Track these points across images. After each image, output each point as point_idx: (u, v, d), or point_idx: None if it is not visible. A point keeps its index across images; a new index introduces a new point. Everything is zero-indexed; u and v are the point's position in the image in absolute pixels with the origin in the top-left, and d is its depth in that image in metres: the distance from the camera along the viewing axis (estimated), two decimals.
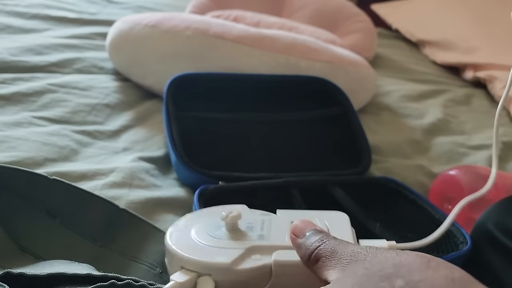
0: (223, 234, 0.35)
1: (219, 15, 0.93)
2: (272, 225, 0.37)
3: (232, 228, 0.35)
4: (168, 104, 0.62)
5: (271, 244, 0.34)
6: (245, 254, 0.33)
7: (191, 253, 0.33)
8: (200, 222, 0.37)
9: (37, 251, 0.44)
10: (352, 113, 0.69)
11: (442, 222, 0.52)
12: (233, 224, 0.35)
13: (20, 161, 0.55)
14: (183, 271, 0.32)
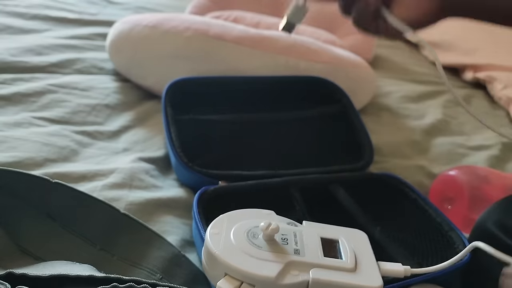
0: (262, 244, 0.37)
1: (219, 15, 0.93)
2: (303, 238, 0.39)
3: (270, 239, 0.37)
4: (166, 108, 0.62)
5: (307, 261, 0.36)
6: (285, 269, 0.35)
7: (236, 262, 0.35)
8: (238, 227, 0.38)
9: (37, 253, 0.44)
10: (351, 110, 0.69)
11: (441, 225, 0.52)
12: (271, 236, 0.37)
13: (20, 161, 0.55)
14: (227, 278, 0.34)
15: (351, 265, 0.38)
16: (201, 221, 0.47)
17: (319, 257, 0.37)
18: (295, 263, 0.36)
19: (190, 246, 0.50)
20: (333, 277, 0.35)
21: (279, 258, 0.36)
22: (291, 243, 0.38)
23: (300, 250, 0.37)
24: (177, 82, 0.66)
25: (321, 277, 0.35)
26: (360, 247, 0.40)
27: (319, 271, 0.36)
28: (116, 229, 0.46)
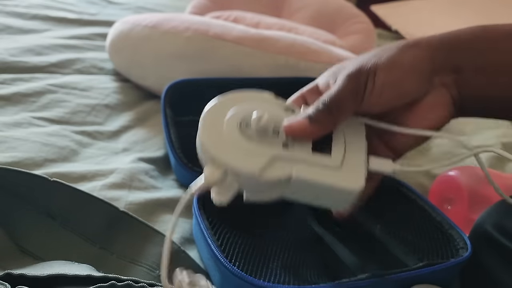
0: (252, 135, 0.36)
1: (218, 16, 0.93)
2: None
3: (260, 130, 0.36)
4: (165, 110, 0.62)
5: (293, 156, 0.35)
6: (270, 161, 0.34)
7: (221, 153, 0.34)
8: (232, 114, 0.37)
9: (36, 252, 0.44)
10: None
11: (441, 224, 0.52)
12: (262, 127, 0.36)
13: (19, 161, 0.55)
14: (214, 166, 0.34)
15: (337, 163, 0.36)
16: (201, 216, 0.47)
17: (307, 152, 0.36)
18: (282, 157, 0.35)
19: (190, 244, 0.50)
20: (315, 175, 0.35)
21: (266, 150, 0.35)
22: (282, 135, 0.36)
23: (290, 144, 0.36)
24: (176, 84, 0.66)
25: (303, 175, 0.35)
26: (354, 140, 0.38)
27: (302, 168, 0.35)
28: (116, 227, 0.46)
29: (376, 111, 0.39)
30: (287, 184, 0.35)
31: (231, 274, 0.41)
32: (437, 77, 0.39)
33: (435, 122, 0.40)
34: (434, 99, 0.39)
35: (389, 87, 0.37)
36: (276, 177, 0.34)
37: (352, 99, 0.37)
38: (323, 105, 0.37)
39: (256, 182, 0.34)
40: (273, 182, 0.34)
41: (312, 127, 0.36)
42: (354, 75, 0.37)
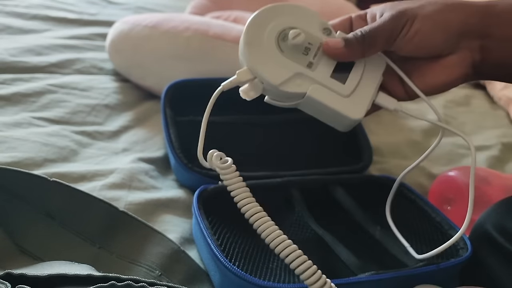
0: (286, 49, 0.41)
1: (218, 16, 0.93)
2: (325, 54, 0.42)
3: (294, 47, 0.41)
4: (165, 110, 0.62)
5: (313, 76, 0.41)
6: (292, 77, 0.40)
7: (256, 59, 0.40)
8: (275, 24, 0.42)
9: (36, 252, 0.44)
10: None
11: (441, 224, 0.52)
12: (295, 45, 0.41)
13: (19, 161, 0.55)
14: (246, 71, 0.40)
15: (347, 92, 0.41)
16: (201, 216, 0.47)
17: (325, 75, 0.41)
18: (303, 75, 0.40)
19: (189, 243, 0.50)
20: (325, 98, 0.40)
21: (292, 66, 0.40)
22: (310, 55, 0.41)
23: (314, 64, 0.41)
24: (176, 84, 0.66)
25: (314, 95, 0.40)
26: (371, 75, 0.43)
27: (317, 89, 0.40)
28: (115, 227, 0.46)
29: (403, 54, 0.43)
30: (301, 98, 0.40)
31: (231, 273, 0.41)
32: (465, 40, 0.42)
33: (451, 79, 0.43)
34: (456, 59, 0.42)
35: (420, 37, 0.41)
36: (293, 91, 0.40)
37: (387, 36, 0.42)
38: (361, 34, 0.42)
39: (276, 91, 0.40)
40: (290, 94, 0.40)
41: (344, 50, 0.41)
42: (396, 17, 0.41)
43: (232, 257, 0.45)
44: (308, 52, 0.41)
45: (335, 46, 0.42)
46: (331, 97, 0.41)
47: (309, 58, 0.41)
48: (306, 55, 0.41)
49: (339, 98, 0.41)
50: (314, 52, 0.42)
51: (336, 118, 0.42)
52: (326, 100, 0.40)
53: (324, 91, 0.41)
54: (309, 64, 0.41)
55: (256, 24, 0.41)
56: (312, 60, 0.41)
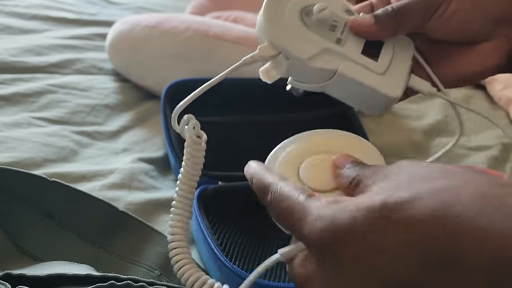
0: (311, 24, 0.37)
1: (218, 16, 0.93)
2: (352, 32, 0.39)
3: (319, 22, 0.37)
4: (165, 109, 0.62)
5: (343, 52, 0.37)
6: (320, 53, 0.36)
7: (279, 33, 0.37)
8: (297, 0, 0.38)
9: (35, 253, 0.44)
10: (350, 112, 0.69)
11: None
12: (320, 19, 0.37)
13: (19, 161, 0.55)
14: (269, 46, 0.37)
15: (382, 69, 0.38)
16: (201, 215, 0.47)
17: (356, 52, 0.38)
18: (331, 51, 0.37)
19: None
20: (359, 75, 0.37)
21: (319, 42, 0.37)
22: (338, 31, 0.38)
23: (342, 41, 0.38)
24: (176, 84, 0.66)
25: (347, 72, 0.36)
26: (401, 56, 0.40)
27: (349, 66, 0.37)
28: (115, 227, 0.46)
29: (435, 37, 0.39)
30: (330, 78, 0.37)
31: (231, 272, 0.41)
32: (502, 26, 0.39)
33: (484, 68, 0.40)
34: (492, 46, 0.39)
35: (457, 18, 0.38)
36: (324, 67, 0.36)
37: (421, 14, 0.38)
38: (392, 9, 0.38)
39: (303, 67, 0.36)
40: (318, 71, 0.36)
41: (375, 27, 0.38)
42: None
43: (232, 256, 0.45)
44: (334, 29, 0.38)
45: (364, 23, 0.38)
46: (365, 73, 0.37)
47: (336, 34, 0.38)
48: (333, 32, 0.38)
49: (374, 75, 0.37)
50: (340, 29, 0.38)
51: (372, 98, 0.38)
52: (360, 76, 0.37)
53: (357, 68, 0.37)
54: (337, 40, 0.38)
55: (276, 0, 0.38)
56: (340, 36, 0.38)
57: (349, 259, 0.24)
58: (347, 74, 0.37)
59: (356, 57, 0.37)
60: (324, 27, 0.38)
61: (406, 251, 0.23)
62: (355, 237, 0.24)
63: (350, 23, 0.38)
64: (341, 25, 0.38)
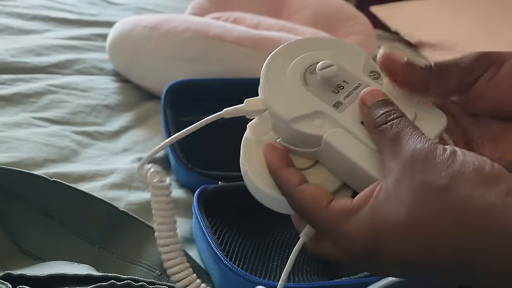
0: (311, 83, 0.33)
1: (218, 16, 0.93)
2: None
3: (322, 80, 0.33)
4: (165, 110, 0.63)
5: (337, 119, 0.32)
6: (310, 115, 0.32)
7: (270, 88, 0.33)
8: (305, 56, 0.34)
9: (36, 252, 0.44)
10: None
11: None
12: (323, 78, 0.33)
13: (20, 161, 0.55)
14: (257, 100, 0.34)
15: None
16: (201, 215, 0.47)
17: (354, 120, 0.32)
18: (325, 115, 0.32)
19: (190, 243, 0.50)
20: (348, 148, 0.31)
21: (313, 103, 0.32)
22: (342, 94, 0.33)
23: (343, 105, 0.32)
24: (176, 84, 0.66)
25: (333, 141, 0.31)
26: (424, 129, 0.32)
27: (337, 134, 0.31)
28: (115, 227, 0.46)
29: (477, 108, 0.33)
30: (318, 144, 0.32)
31: (231, 272, 0.41)
32: None
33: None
34: None
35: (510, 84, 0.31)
36: (306, 131, 0.31)
37: (463, 76, 0.32)
38: (429, 64, 0.32)
39: (287, 129, 0.32)
40: (303, 136, 0.32)
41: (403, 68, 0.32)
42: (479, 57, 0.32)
43: (232, 256, 0.45)
44: (339, 91, 0.33)
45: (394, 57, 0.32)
46: (355, 148, 0.31)
47: (338, 97, 0.33)
48: (336, 93, 0.33)
49: (365, 152, 0.31)
50: (347, 92, 0.33)
51: (357, 176, 0.31)
52: (347, 150, 0.31)
53: (348, 139, 0.31)
54: (336, 103, 0.32)
55: (283, 54, 0.35)
56: (342, 100, 0.32)
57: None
58: (332, 143, 0.31)
59: (351, 126, 0.31)
60: (326, 88, 0.33)
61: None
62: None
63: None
64: (350, 87, 0.33)
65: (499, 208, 0.24)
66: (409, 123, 0.29)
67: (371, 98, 0.31)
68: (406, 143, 0.27)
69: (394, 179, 0.27)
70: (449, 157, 0.26)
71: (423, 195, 0.25)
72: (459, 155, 0.26)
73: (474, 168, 0.25)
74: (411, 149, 0.27)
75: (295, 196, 0.30)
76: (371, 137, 0.30)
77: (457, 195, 0.25)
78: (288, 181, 0.30)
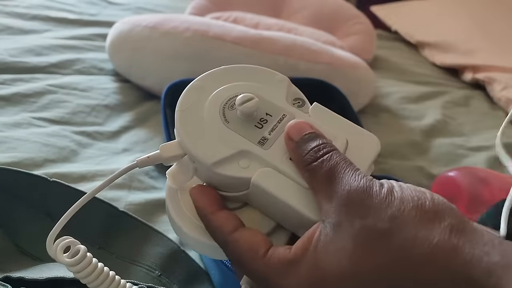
0: (232, 119, 0.30)
1: (218, 16, 0.93)
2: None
3: (243, 116, 0.30)
4: (165, 110, 0.63)
5: (263, 157, 0.29)
6: (235, 156, 0.29)
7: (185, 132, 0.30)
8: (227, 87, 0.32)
9: (35, 253, 0.44)
10: (350, 112, 0.69)
11: None
12: (244, 113, 0.30)
13: (19, 161, 0.55)
14: (177, 144, 0.30)
15: None
16: None
17: (282, 157, 0.29)
18: (251, 154, 0.29)
19: None
20: (279, 189, 0.28)
21: (236, 142, 0.29)
22: (267, 128, 0.30)
23: (268, 141, 0.30)
24: (176, 84, 0.66)
25: (263, 184, 0.28)
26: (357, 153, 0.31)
27: (265, 174, 0.28)
28: (115, 227, 0.46)
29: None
30: (247, 187, 0.29)
31: (231, 272, 0.41)
32: None
33: None
34: None
35: None
36: (232, 174, 0.29)
37: None
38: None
39: (210, 174, 0.29)
40: (228, 178, 0.29)
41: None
42: None
43: None
44: (263, 125, 0.30)
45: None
46: (286, 186, 0.28)
47: (263, 133, 0.30)
48: (260, 128, 0.30)
49: (298, 190, 0.28)
50: (272, 125, 0.30)
51: (290, 218, 0.29)
52: (277, 190, 0.28)
53: (277, 178, 0.28)
54: (261, 140, 0.30)
55: (199, 88, 0.32)
56: (267, 136, 0.30)
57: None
58: (261, 185, 0.28)
59: (279, 163, 0.29)
60: (249, 123, 0.30)
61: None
62: None
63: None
64: (275, 119, 0.31)
65: (445, 249, 0.22)
66: (341, 158, 0.27)
67: (297, 132, 0.28)
68: (340, 183, 0.25)
69: (332, 224, 0.25)
70: (387, 196, 0.24)
71: (366, 243, 0.24)
72: (397, 192, 0.25)
73: (414, 205, 0.24)
74: (345, 190, 0.25)
75: (229, 245, 0.27)
76: (301, 175, 0.27)
77: (400, 240, 0.23)
78: (222, 227, 0.27)
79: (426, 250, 0.23)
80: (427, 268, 0.23)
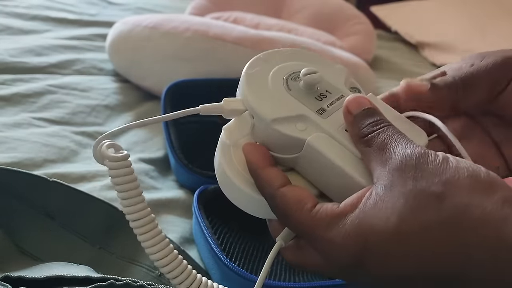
0: (294, 88, 0.32)
1: (218, 16, 0.93)
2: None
3: (305, 86, 0.32)
4: (165, 110, 0.63)
5: (321, 124, 0.30)
6: (293, 118, 0.30)
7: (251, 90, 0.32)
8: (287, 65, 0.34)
9: (35, 253, 0.44)
10: None
11: None
12: (306, 84, 0.32)
13: (19, 162, 0.55)
14: (239, 100, 0.32)
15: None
16: (201, 215, 0.47)
17: (338, 127, 0.31)
18: (309, 120, 0.31)
19: (189, 243, 0.50)
20: (333, 153, 0.29)
21: (296, 107, 0.31)
22: (326, 101, 0.32)
23: (327, 112, 0.31)
24: (176, 84, 0.66)
25: (318, 146, 0.29)
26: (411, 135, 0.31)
27: (321, 138, 0.30)
28: (115, 227, 0.46)
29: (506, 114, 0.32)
30: (300, 149, 0.30)
31: (231, 272, 0.41)
32: None
33: None
34: None
35: None
36: (289, 133, 0.30)
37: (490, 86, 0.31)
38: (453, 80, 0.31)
39: (266, 130, 0.30)
40: (284, 137, 0.30)
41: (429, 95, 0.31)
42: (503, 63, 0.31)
43: (232, 256, 0.45)
44: (323, 99, 0.32)
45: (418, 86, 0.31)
46: (340, 152, 0.29)
47: (322, 104, 0.32)
48: (320, 101, 0.32)
49: (350, 157, 0.29)
50: (331, 100, 0.32)
51: (339, 183, 0.30)
52: (331, 153, 0.29)
53: (331, 143, 0.30)
54: (320, 110, 0.31)
55: (265, 60, 0.34)
56: (326, 107, 0.32)
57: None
58: (316, 147, 0.29)
59: (335, 132, 0.30)
60: (309, 94, 0.32)
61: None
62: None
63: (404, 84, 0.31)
64: (333, 97, 0.33)
65: (496, 217, 0.23)
66: (397, 131, 0.27)
67: (356, 106, 0.29)
68: (394, 149, 0.26)
69: (384, 185, 0.25)
70: (442, 163, 0.24)
71: (416, 202, 0.24)
72: (452, 162, 0.25)
73: (469, 174, 0.24)
74: (400, 154, 0.25)
75: (277, 198, 0.28)
76: (356, 147, 0.29)
77: (452, 204, 0.23)
78: (271, 181, 0.28)
79: (478, 216, 0.23)
80: (475, 233, 0.23)
